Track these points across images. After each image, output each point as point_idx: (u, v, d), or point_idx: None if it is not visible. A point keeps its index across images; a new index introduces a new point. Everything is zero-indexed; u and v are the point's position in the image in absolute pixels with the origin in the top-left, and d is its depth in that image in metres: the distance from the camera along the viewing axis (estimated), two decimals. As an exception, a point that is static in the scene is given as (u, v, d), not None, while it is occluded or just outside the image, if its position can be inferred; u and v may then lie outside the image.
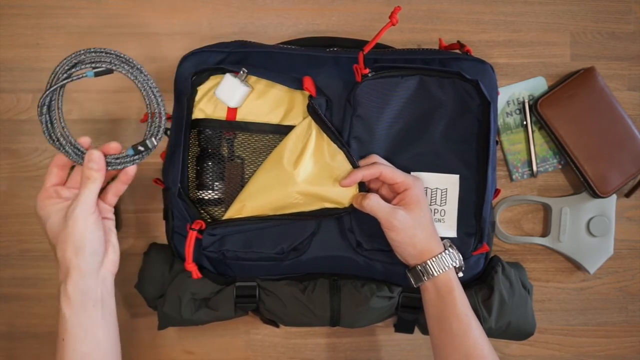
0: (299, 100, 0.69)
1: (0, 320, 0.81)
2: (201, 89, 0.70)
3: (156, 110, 0.63)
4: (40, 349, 0.82)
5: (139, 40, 0.80)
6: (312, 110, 0.66)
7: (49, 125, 0.62)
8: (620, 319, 0.84)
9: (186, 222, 0.69)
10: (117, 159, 0.63)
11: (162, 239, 0.78)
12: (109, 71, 0.61)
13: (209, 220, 0.71)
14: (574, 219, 0.81)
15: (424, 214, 0.64)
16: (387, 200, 0.66)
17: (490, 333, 0.71)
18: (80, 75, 0.61)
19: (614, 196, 0.81)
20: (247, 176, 0.71)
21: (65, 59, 0.61)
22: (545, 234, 0.84)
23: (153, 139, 0.62)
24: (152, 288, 0.73)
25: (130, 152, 0.63)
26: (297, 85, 0.67)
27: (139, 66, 0.62)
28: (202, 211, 0.71)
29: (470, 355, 0.60)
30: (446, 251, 0.64)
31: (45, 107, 0.61)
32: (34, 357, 0.82)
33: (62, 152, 0.62)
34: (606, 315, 0.84)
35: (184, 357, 0.82)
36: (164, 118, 0.63)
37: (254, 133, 0.70)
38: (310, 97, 0.66)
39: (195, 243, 0.66)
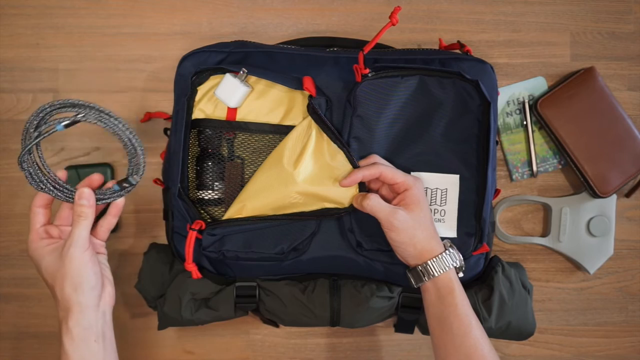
0: (299, 100, 0.69)
1: (0, 320, 0.81)
2: (201, 89, 0.69)
3: (131, 149, 0.63)
4: (41, 349, 0.82)
5: (139, 40, 0.80)
6: (312, 110, 0.66)
7: (34, 176, 0.62)
8: (620, 319, 0.84)
9: (186, 222, 0.69)
10: (105, 194, 0.64)
11: (162, 239, 0.79)
12: (75, 122, 0.61)
13: (209, 220, 0.71)
14: (574, 219, 0.81)
15: (424, 214, 0.64)
16: (387, 200, 0.66)
17: (491, 333, 0.71)
18: (51, 131, 0.61)
19: (614, 196, 0.81)
20: (247, 176, 0.71)
21: (31, 115, 0.61)
22: (545, 234, 0.84)
23: (136, 176, 0.64)
24: (152, 288, 0.73)
25: (116, 187, 0.65)
26: (297, 85, 0.67)
27: (107, 111, 0.62)
28: (202, 211, 0.71)
29: (471, 356, 0.60)
30: (446, 251, 0.64)
31: (25, 163, 0.61)
32: (34, 357, 0.82)
33: (53, 195, 0.63)
34: (606, 315, 0.84)
35: (184, 357, 0.82)
36: (142, 156, 0.64)
37: (254, 133, 0.70)
38: (310, 97, 0.66)
39: (195, 243, 0.66)
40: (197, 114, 0.70)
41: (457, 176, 0.69)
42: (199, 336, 0.82)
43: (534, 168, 0.82)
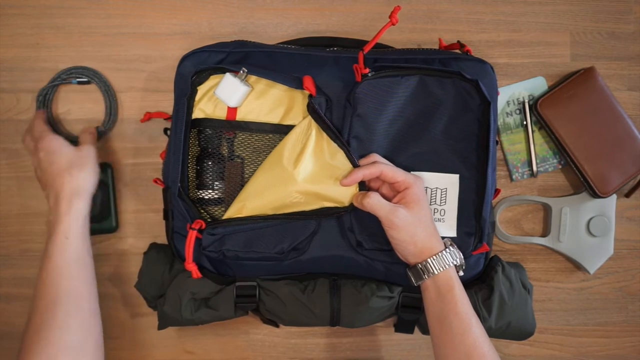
0: (299, 99, 0.69)
1: (0, 320, 0.81)
2: (201, 89, 0.70)
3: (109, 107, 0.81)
4: (40, 349, 0.81)
5: (139, 40, 0.80)
6: (311, 110, 0.66)
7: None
8: (620, 319, 0.84)
9: (186, 222, 0.69)
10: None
11: (162, 239, 0.79)
12: (84, 82, 0.80)
13: (209, 220, 0.70)
14: (574, 219, 0.81)
15: (424, 212, 0.64)
16: (387, 198, 0.66)
17: (491, 333, 0.71)
18: (71, 82, 0.80)
19: (614, 196, 0.81)
20: (247, 176, 0.71)
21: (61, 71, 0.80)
22: (545, 234, 0.84)
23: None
24: (152, 288, 0.73)
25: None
26: (297, 84, 0.67)
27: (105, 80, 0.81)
28: (202, 211, 0.71)
29: (470, 354, 0.60)
30: (447, 249, 0.64)
31: (41, 97, 0.79)
32: (34, 357, 0.82)
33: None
34: (606, 315, 0.84)
35: (184, 357, 0.82)
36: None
37: (254, 132, 0.70)
38: (310, 96, 0.66)
39: (195, 242, 0.66)
40: (197, 114, 0.70)
41: (457, 176, 0.69)
42: (199, 336, 0.82)
43: (534, 168, 0.82)
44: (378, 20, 0.81)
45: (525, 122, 0.82)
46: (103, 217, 0.80)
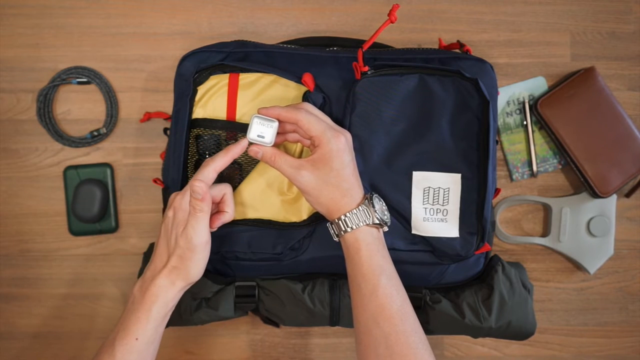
0: (299, 99, 0.69)
1: (0, 321, 0.81)
2: (201, 89, 0.69)
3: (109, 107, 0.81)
4: (41, 349, 0.82)
5: (139, 40, 0.80)
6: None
7: (41, 110, 0.79)
8: (621, 319, 0.84)
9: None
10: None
11: (162, 239, 0.78)
12: (84, 82, 0.80)
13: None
14: (574, 219, 0.81)
15: (334, 173, 0.60)
16: None
17: (491, 333, 0.71)
18: (70, 81, 0.80)
19: (614, 196, 0.81)
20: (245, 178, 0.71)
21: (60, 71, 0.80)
22: (545, 234, 0.84)
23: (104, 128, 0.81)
24: (152, 288, 0.73)
25: (88, 135, 0.80)
26: (298, 79, 0.67)
27: (105, 79, 0.81)
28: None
29: (377, 316, 0.59)
30: (355, 209, 0.60)
31: (42, 97, 0.79)
32: (34, 357, 0.82)
33: (46, 130, 0.80)
34: (606, 316, 0.84)
35: (184, 357, 0.82)
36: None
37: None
38: (308, 92, 0.66)
39: None
40: (196, 114, 0.70)
41: (459, 175, 0.68)
42: (199, 336, 0.82)
43: (534, 168, 0.82)
44: (378, 20, 0.81)
45: (525, 122, 0.82)
46: (103, 217, 0.80)
